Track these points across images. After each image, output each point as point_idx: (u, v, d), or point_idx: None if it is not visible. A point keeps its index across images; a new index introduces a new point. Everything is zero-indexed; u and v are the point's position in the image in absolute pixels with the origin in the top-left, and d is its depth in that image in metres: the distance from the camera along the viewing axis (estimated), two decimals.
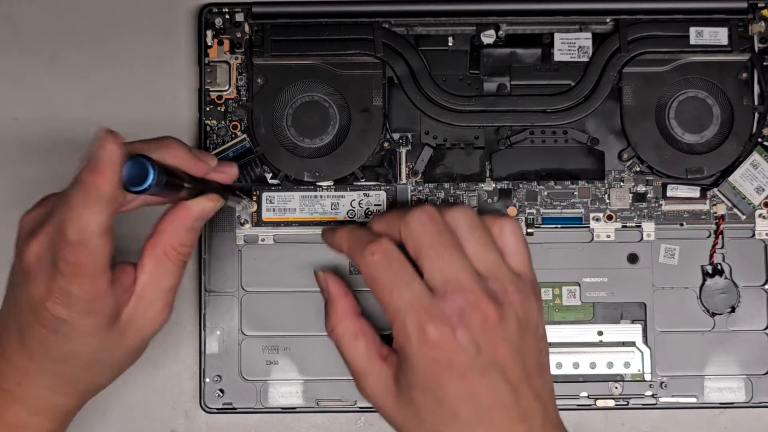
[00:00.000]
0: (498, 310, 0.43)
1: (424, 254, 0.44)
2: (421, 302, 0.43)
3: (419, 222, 0.44)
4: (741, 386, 0.53)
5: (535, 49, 0.54)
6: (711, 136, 0.54)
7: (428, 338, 0.42)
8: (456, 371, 0.42)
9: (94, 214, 0.40)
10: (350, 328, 0.47)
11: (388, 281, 0.44)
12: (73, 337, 0.43)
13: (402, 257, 0.44)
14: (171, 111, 0.55)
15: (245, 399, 0.53)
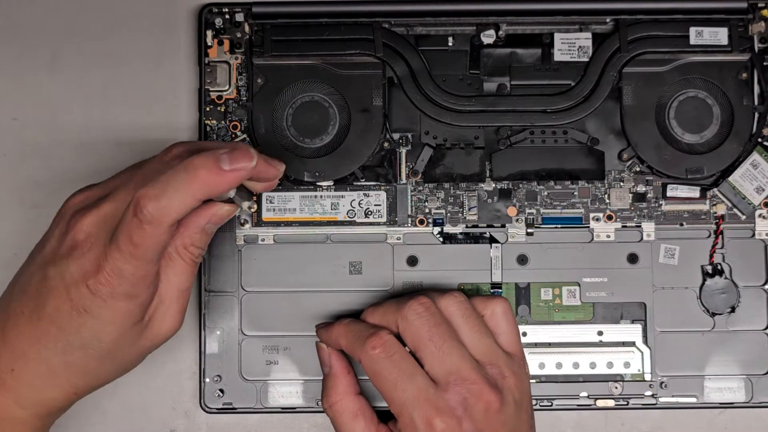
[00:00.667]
0: (498, 397, 0.45)
1: (424, 347, 0.46)
2: (426, 396, 0.45)
3: (416, 314, 0.46)
4: (741, 386, 0.53)
5: (535, 49, 0.55)
6: (711, 136, 0.54)
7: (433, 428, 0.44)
8: None
9: (184, 202, 0.41)
10: (350, 407, 0.48)
11: (392, 376, 0.45)
12: (101, 321, 0.43)
13: (403, 350, 0.46)
14: (171, 111, 0.55)
15: (245, 399, 0.53)
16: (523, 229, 0.54)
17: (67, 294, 0.43)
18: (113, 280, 0.42)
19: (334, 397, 0.49)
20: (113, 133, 0.55)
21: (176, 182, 0.41)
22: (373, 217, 0.54)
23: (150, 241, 0.42)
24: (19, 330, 0.44)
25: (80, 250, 0.43)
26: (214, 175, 0.42)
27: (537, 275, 0.54)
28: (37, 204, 0.55)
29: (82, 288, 0.42)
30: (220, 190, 0.43)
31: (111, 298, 0.43)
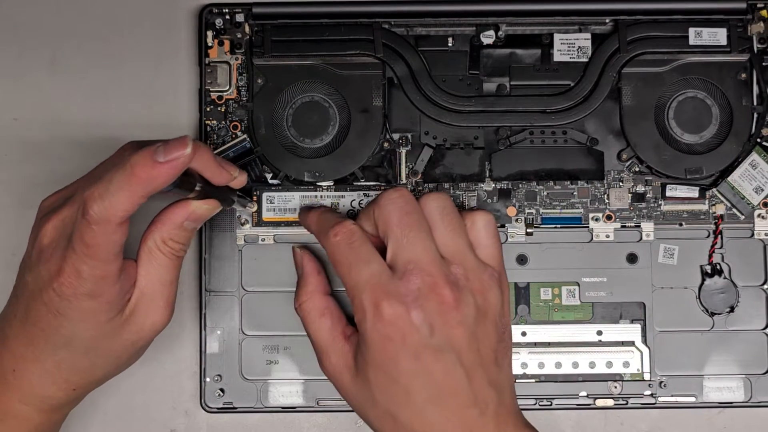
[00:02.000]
0: (455, 294, 0.44)
1: (390, 233, 0.45)
2: (378, 280, 0.44)
3: (390, 200, 0.45)
4: (740, 386, 0.53)
5: (535, 50, 0.55)
6: (710, 137, 0.54)
7: (382, 315, 0.43)
8: (409, 350, 0.43)
9: (127, 200, 0.42)
10: (317, 305, 0.48)
11: (348, 260, 0.45)
12: (74, 320, 0.44)
13: (364, 238, 0.45)
14: (171, 111, 0.55)
15: (245, 398, 0.54)
16: (523, 229, 0.54)
17: (41, 298, 0.44)
18: (73, 281, 0.43)
19: (303, 296, 0.49)
20: (113, 133, 0.55)
21: (117, 181, 0.42)
22: None
23: (101, 240, 0.42)
24: (15, 333, 0.46)
25: (45, 254, 0.44)
26: (149, 169, 0.41)
27: (536, 275, 0.54)
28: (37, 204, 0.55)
29: (50, 291, 0.43)
30: (160, 182, 0.42)
31: (75, 299, 0.43)
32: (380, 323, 0.43)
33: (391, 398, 0.44)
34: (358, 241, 0.45)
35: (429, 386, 0.43)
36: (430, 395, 0.43)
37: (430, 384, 0.43)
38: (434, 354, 0.43)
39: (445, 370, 0.44)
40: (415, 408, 0.44)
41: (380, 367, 0.44)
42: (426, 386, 0.43)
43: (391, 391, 0.44)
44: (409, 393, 0.44)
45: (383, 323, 0.43)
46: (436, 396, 0.44)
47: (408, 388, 0.44)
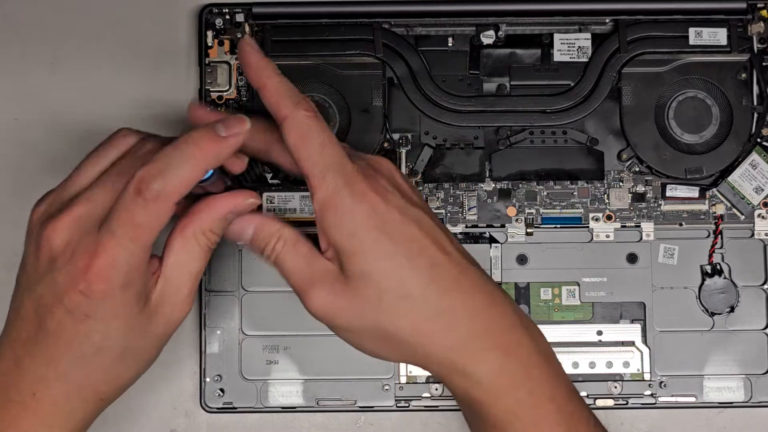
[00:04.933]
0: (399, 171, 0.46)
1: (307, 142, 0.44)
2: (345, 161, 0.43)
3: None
4: (740, 386, 0.53)
5: (535, 50, 0.55)
6: (710, 137, 0.54)
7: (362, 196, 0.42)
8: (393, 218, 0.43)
9: (190, 174, 0.41)
10: (289, 237, 0.45)
11: (320, 138, 0.43)
12: (105, 320, 0.42)
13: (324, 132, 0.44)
14: (171, 111, 0.55)
15: (245, 398, 0.54)
16: (523, 229, 0.54)
17: (62, 306, 0.42)
18: (107, 273, 0.41)
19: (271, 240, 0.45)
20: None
21: (181, 156, 0.41)
22: None
23: (155, 220, 0.41)
24: (31, 355, 0.43)
25: (61, 258, 0.42)
26: (215, 143, 0.41)
27: (536, 275, 0.54)
28: None
29: (75, 295, 0.41)
30: (224, 156, 0.42)
31: (107, 295, 0.41)
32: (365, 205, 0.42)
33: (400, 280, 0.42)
34: (324, 123, 0.44)
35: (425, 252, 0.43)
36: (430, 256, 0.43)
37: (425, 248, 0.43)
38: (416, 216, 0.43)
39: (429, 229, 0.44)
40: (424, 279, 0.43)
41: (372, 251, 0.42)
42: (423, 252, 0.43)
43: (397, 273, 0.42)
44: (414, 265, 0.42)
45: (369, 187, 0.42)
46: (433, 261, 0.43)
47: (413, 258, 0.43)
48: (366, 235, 0.42)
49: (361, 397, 0.54)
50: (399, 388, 0.54)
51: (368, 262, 0.42)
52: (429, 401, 0.54)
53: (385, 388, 0.54)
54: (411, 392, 0.54)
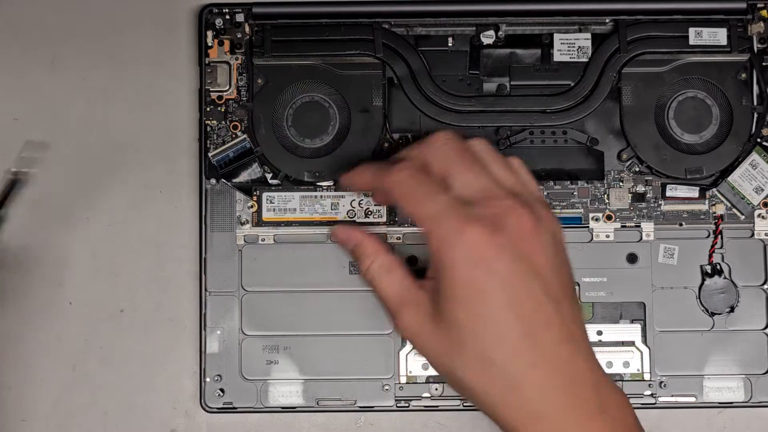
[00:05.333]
0: (533, 218, 0.43)
1: (453, 169, 0.44)
2: (455, 208, 0.42)
3: (443, 141, 0.45)
4: (740, 386, 0.53)
5: (535, 50, 0.55)
6: (710, 137, 0.54)
7: (467, 238, 0.41)
8: (496, 276, 0.41)
9: None
10: (384, 262, 0.46)
11: (418, 192, 0.44)
12: None
13: (429, 176, 0.44)
14: (171, 111, 0.55)
15: (245, 398, 0.54)
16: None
17: None
18: None
19: (367, 260, 0.47)
20: (113, 133, 0.55)
21: None
22: (373, 217, 0.54)
23: None
24: None
25: None
26: None
27: None
28: (37, 203, 0.55)
29: None
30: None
31: None
32: (465, 248, 0.41)
33: (481, 338, 0.41)
34: (425, 177, 0.44)
35: (521, 320, 0.41)
36: (523, 331, 0.41)
37: (522, 317, 0.41)
38: (521, 281, 0.41)
39: (536, 301, 0.42)
40: (509, 345, 0.41)
41: (466, 302, 0.42)
42: (518, 321, 0.41)
43: (480, 330, 0.41)
44: (500, 329, 0.41)
45: (468, 247, 0.41)
46: (528, 331, 0.41)
47: (499, 323, 0.41)
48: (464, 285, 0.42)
49: (361, 397, 0.54)
50: (399, 388, 0.54)
51: (461, 311, 0.42)
52: (429, 401, 0.54)
53: (385, 388, 0.54)
54: (411, 392, 0.54)
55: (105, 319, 0.55)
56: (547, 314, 0.42)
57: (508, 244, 0.42)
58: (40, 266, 0.55)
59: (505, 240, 0.42)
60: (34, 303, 0.55)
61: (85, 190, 0.55)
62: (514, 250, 0.42)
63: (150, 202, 0.55)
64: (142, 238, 0.55)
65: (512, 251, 0.42)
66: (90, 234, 0.55)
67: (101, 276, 0.55)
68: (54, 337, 0.55)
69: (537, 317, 0.42)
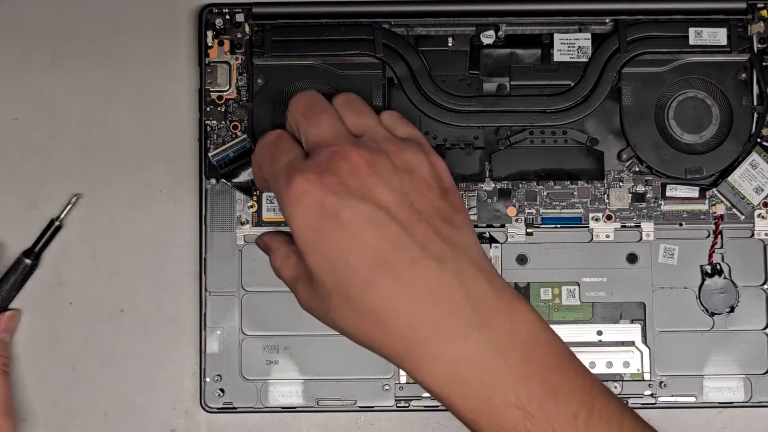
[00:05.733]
0: (366, 156, 0.42)
1: (299, 122, 0.45)
2: (293, 163, 0.43)
3: (296, 98, 0.46)
4: (740, 386, 0.53)
5: (535, 50, 0.55)
6: (710, 137, 0.54)
7: (294, 189, 0.41)
8: (330, 215, 0.40)
9: None
10: (282, 252, 0.46)
11: (270, 154, 0.44)
12: None
13: (287, 136, 0.45)
14: (171, 111, 0.55)
15: (245, 398, 0.54)
16: (523, 229, 0.54)
17: None
18: None
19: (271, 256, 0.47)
20: (113, 133, 0.55)
21: None
22: None
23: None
24: None
25: None
26: None
27: (536, 275, 0.54)
28: (37, 204, 0.55)
29: None
30: None
31: None
32: (294, 198, 0.41)
33: (336, 279, 0.41)
34: (282, 138, 0.45)
35: (366, 250, 0.40)
36: (370, 259, 0.40)
37: (366, 246, 0.40)
38: (359, 213, 0.40)
39: (376, 226, 0.40)
40: (362, 279, 0.40)
41: (312, 252, 0.41)
42: (363, 250, 0.40)
43: (332, 271, 0.41)
44: (349, 265, 0.40)
45: (297, 196, 0.41)
46: (377, 258, 0.40)
47: (346, 259, 0.40)
48: (303, 234, 0.41)
49: (361, 397, 0.54)
50: (399, 388, 0.54)
51: (312, 261, 0.42)
52: (429, 401, 0.54)
53: (385, 388, 0.54)
54: (411, 392, 0.54)
55: (105, 319, 0.55)
56: (394, 237, 0.40)
57: (338, 183, 0.41)
58: (41, 266, 0.55)
59: (334, 180, 0.41)
60: (34, 303, 0.55)
61: (85, 190, 0.55)
62: (345, 186, 0.41)
63: (150, 202, 0.55)
64: (142, 238, 0.55)
65: (343, 188, 0.41)
66: (90, 234, 0.55)
67: (101, 276, 0.55)
68: (54, 337, 0.55)
69: (382, 243, 0.40)
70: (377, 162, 0.42)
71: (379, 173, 0.42)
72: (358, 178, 0.41)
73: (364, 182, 0.41)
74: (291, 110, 0.46)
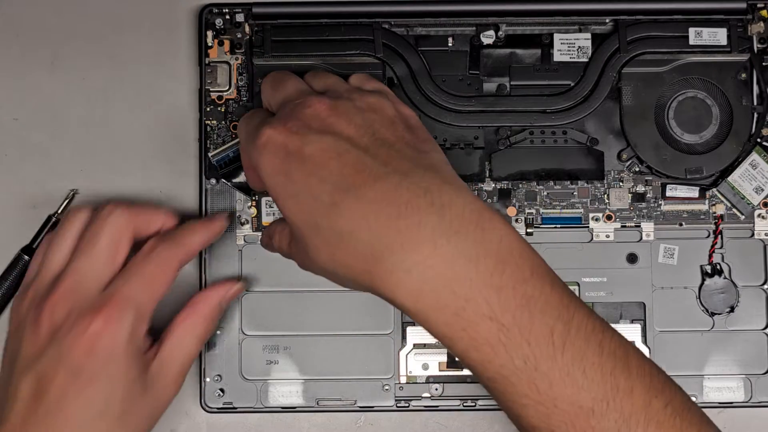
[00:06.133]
0: (329, 102, 0.43)
1: (268, 97, 0.47)
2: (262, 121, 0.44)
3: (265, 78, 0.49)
4: (740, 386, 0.53)
5: (535, 50, 0.55)
6: (710, 137, 0.54)
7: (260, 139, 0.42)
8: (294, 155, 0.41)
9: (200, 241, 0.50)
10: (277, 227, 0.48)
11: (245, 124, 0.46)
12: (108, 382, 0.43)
13: (263, 110, 0.48)
14: (171, 111, 0.55)
15: (245, 398, 0.54)
16: (523, 229, 0.54)
17: (67, 370, 0.43)
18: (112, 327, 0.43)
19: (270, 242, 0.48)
20: (113, 133, 0.55)
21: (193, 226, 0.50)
22: None
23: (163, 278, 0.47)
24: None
25: (65, 326, 0.44)
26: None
27: None
28: (37, 204, 0.55)
29: (80, 355, 0.43)
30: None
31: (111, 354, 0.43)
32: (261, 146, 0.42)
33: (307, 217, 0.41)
34: (256, 111, 0.48)
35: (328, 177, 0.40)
36: (334, 185, 0.40)
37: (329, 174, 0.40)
38: (320, 145, 0.41)
39: (338, 154, 0.41)
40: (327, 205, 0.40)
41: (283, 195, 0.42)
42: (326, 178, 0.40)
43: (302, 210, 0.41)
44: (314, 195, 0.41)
45: (263, 144, 0.42)
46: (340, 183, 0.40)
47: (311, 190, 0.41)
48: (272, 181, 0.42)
49: (361, 397, 0.54)
50: (399, 388, 0.54)
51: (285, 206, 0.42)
52: (429, 401, 0.54)
53: (385, 388, 0.54)
54: (411, 392, 0.54)
55: None
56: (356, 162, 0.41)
57: (301, 126, 0.42)
58: None
59: (297, 123, 0.42)
60: None
61: (86, 190, 0.55)
62: (308, 128, 0.42)
63: (150, 202, 0.55)
64: None
65: (306, 129, 0.42)
66: None
67: None
68: None
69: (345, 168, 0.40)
70: (339, 105, 0.43)
71: (341, 113, 0.43)
72: (320, 119, 0.42)
73: (326, 121, 0.42)
74: (262, 88, 0.49)
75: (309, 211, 0.41)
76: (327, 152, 0.41)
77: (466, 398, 0.53)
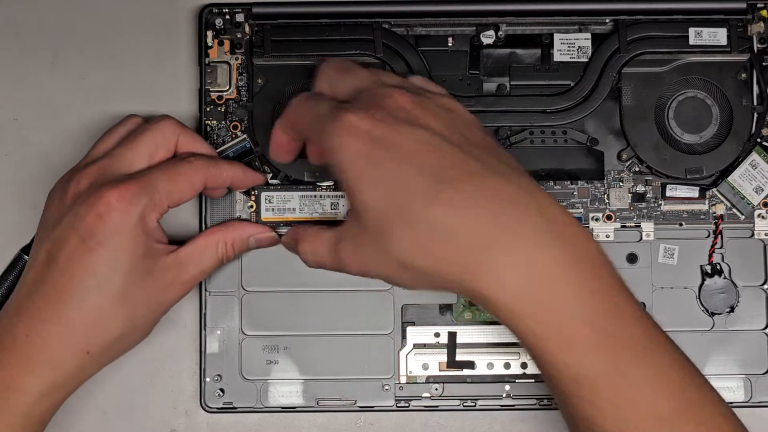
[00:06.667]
0: (411, 96, 0.43)
1: (333, 81, 0.46)
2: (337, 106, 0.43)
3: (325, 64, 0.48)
4: (740, 386, 0.53)
5: (535, 50, 0.55)
6: (710, 137, 0.54)
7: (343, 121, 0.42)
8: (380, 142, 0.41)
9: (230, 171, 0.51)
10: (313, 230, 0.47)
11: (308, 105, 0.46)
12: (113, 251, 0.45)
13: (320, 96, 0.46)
14: (171, 111, 0.55)
15: (245, 398, 0.54)
16: None
17: (77, 233, 0.45)
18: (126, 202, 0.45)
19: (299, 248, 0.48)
20: None
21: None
22: None
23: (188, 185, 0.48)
24: (34, 296, 0.45)
25: (85, 194, 0.46)
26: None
27: None
28: (38, 204, 0.55)
29: (91, 219, 0.45)
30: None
31: (120, 225, 0.45)
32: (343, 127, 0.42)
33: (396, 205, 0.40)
34: (311, 98, 0.46)
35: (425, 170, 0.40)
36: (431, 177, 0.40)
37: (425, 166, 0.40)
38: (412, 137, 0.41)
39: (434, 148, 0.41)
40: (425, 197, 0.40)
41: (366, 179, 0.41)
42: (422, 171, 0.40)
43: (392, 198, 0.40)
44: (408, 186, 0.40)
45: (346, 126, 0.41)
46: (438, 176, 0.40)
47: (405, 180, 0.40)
48: (352, 166, 0.42)
49: (361, 397, 0.54)
50: (399, 388, 0.54)
51: (365, 193, 0.41)
52: (429, 401, 0.54)
53: (385, 388, 0.54)
54: (411, 392, 0.54)
55: None
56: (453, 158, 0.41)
57: (386, 115, 0.42)
58: None
59: (382, 113, 0.42)
60: None
61: None
62: (394, 118, 0.42)
63: None
64: None
65: (392, 119, 0.42)
66: None
67: None
68: None
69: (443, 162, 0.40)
70: (422, 101, 0.43)
71: (425, 108, 0.43)
72: (405, 110, 0.42)
73: (412, 113, 0.42)
74: (322, 72, 0.47)
75: (401, 202, 0.40)
76: (422, 144, 0.41)
77: (466, 398, 0.53)
